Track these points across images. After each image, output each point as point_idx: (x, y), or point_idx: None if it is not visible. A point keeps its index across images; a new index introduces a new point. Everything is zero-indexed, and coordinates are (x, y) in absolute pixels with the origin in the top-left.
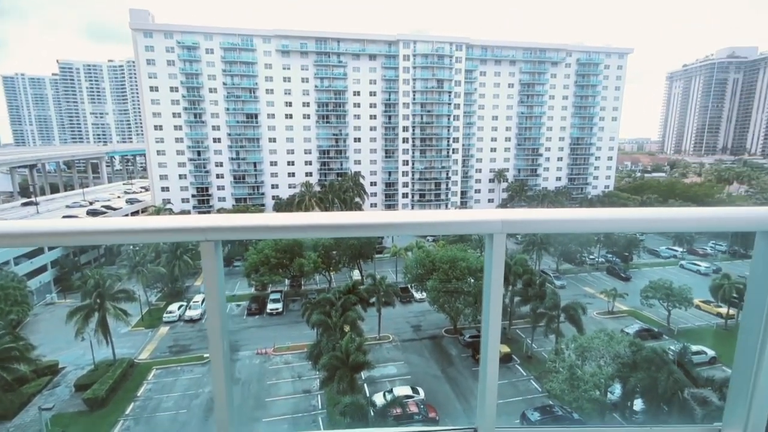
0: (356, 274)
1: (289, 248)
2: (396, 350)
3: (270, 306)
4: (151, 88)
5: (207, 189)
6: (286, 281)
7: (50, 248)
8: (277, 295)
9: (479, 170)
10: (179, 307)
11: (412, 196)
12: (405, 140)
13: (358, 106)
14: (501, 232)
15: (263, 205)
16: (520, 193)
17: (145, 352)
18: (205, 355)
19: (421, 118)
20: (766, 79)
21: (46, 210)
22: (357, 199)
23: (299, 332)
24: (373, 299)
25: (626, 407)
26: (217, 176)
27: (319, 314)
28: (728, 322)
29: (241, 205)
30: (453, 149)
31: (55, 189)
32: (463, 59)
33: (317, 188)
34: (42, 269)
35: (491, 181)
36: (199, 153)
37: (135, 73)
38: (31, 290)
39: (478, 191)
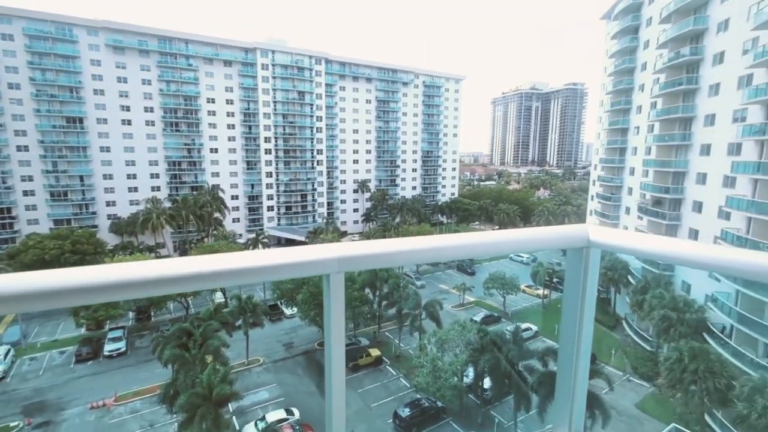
0: (219, 296)
1: None
2: (267, 373)
3: (108, 347)
4: None
5: (9, 210)
6: (130, 314)
7: None
8: (118, 333)
9: (344, 181)
10: None
11: (278, 209)
12: (268, 151)
13: (214, 114)
14: (338, 271)
15: (95, 226)
16: (382, 202)
17: None
18: (13, 424)
19: (284, 129)
20: (557, 107)
21: None
22: (217, 215)
23: (150, 373)
24: (239, 322)
25: (478, 387)
26: (25, 193)
27: (174, 348)
28: (544, 300)
29: (64, 228)
30: (317, 161)
31: None
32: (323, 73)
33: (168, 204)
34: None
35: (356, 191)
36: None
37: None
38: None
39: (344, 201)
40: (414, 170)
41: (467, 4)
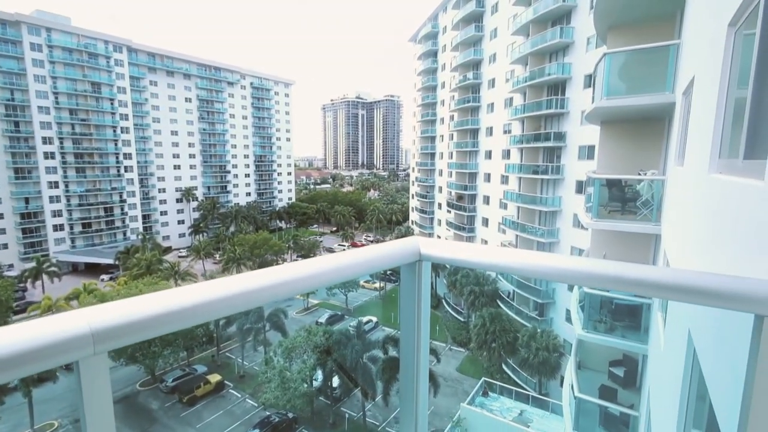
0: None
1: None
2: None
3: None
4: None
5: None
6: None
7: None
8: None
9: (163, 190)
10: None
11: (71, 227)
12: (49, 155)
13: None
14: (94, 354)
15: None
16: (212, 211)
17: None
18: None
19: (73, 128)
20: (379, 116)
21: None
22: None
23: None
24: (13, 383)
25: (327, 387)
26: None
27: None
28: (381, 293)
29: None
30: (126, 167)
31: None
32: (125, 63)
33: None
34: None
35: (179, 201)
36: None
37: None
38: None
39: (164, 213)
40: (247, 176)
41: (296, 10)
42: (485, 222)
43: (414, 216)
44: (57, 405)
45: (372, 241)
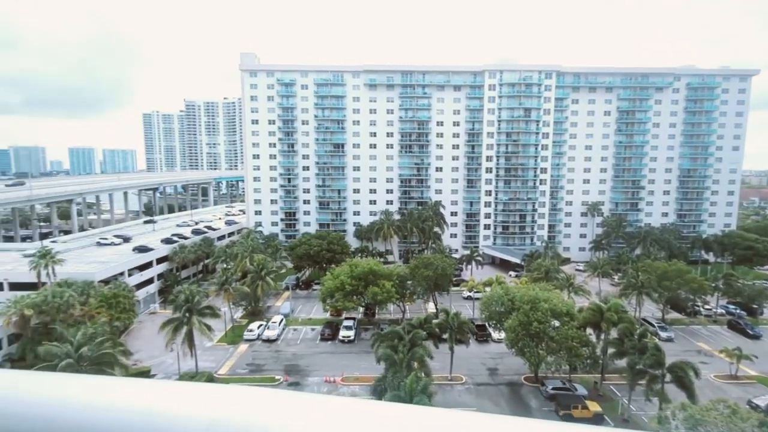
0: (431, 307)
1: (364, 275)
2: (468, 394)
3: (342, 333)
4: (253, 122)
5: (294, 213)
6: (360, 309)
7: (158, 261)
8: (350, 323)
9: (570, 203)
10: (259, 326)
11: (495, 228)
12: (488, 170)
13: (441, 136)
14: None
15: (345, 230)
16: (617, 228)
17: (224, 367)
18: (277, 377)
19: (506, 148)
20: None
21: (160, 228)
22: (436, 229)
23: (369, 363)
24: (445, 335)
25: None
26: (304, 202)
27: (386, 348)
28: None
29: (324, 230)
30: (541, 180)
31: (171, 210)
32: (553, 87)
33: (397, 216)
34: (149, 281)
35: (584, 214)
36: (289, 180)
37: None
38: (138, 299)
39: (568, 225)
40: (666, 193)
41: None
42: None
43: None
44: (465, 364)
45: None
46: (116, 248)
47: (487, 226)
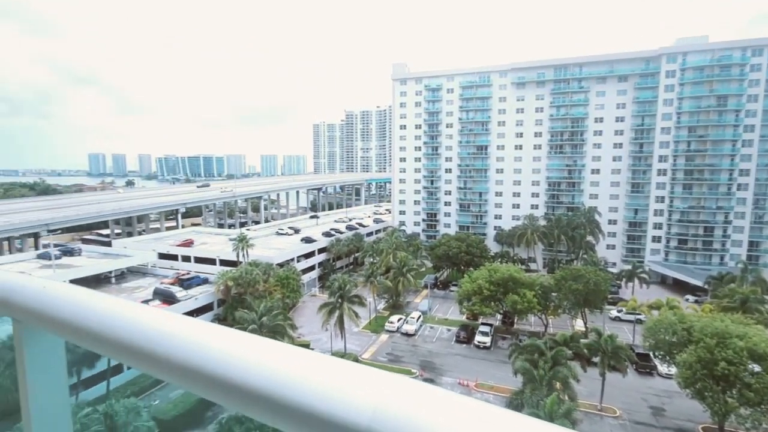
0: (579, 324)
1: (503, 281)
2: (623, 431)
3: (478, 338)
4: (401, 127)
5: (435, 215)
6: (498, 315)
7: (319, 251)
8: (486, 329)
9: None
10: (399, 319)
11: (667, 241)
12: (661, 172)
13: (600, 134)
14: None
15: (484, 234)
16: None
17: (367, 353)
18: (413, 370)
19: (688, 146)
20: None
21: (322, 222)
22: (589, 238)
23: (504, 373)
24: (596, 358)
25: None
26: (445, 203)
27: (525, 361)
28: None
29: (463, 233)
30: (739, 185)
31: (330, 207)
32: (764, 67)
33: (542, 222)
34: (312, 268)
35: None
36: (432, 182)
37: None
38: (303, 282)
39: None
40: None
41: None
42: None
43: None
44: (620, 396)
45: None
46: (289, 238)
47: (656, 239)
